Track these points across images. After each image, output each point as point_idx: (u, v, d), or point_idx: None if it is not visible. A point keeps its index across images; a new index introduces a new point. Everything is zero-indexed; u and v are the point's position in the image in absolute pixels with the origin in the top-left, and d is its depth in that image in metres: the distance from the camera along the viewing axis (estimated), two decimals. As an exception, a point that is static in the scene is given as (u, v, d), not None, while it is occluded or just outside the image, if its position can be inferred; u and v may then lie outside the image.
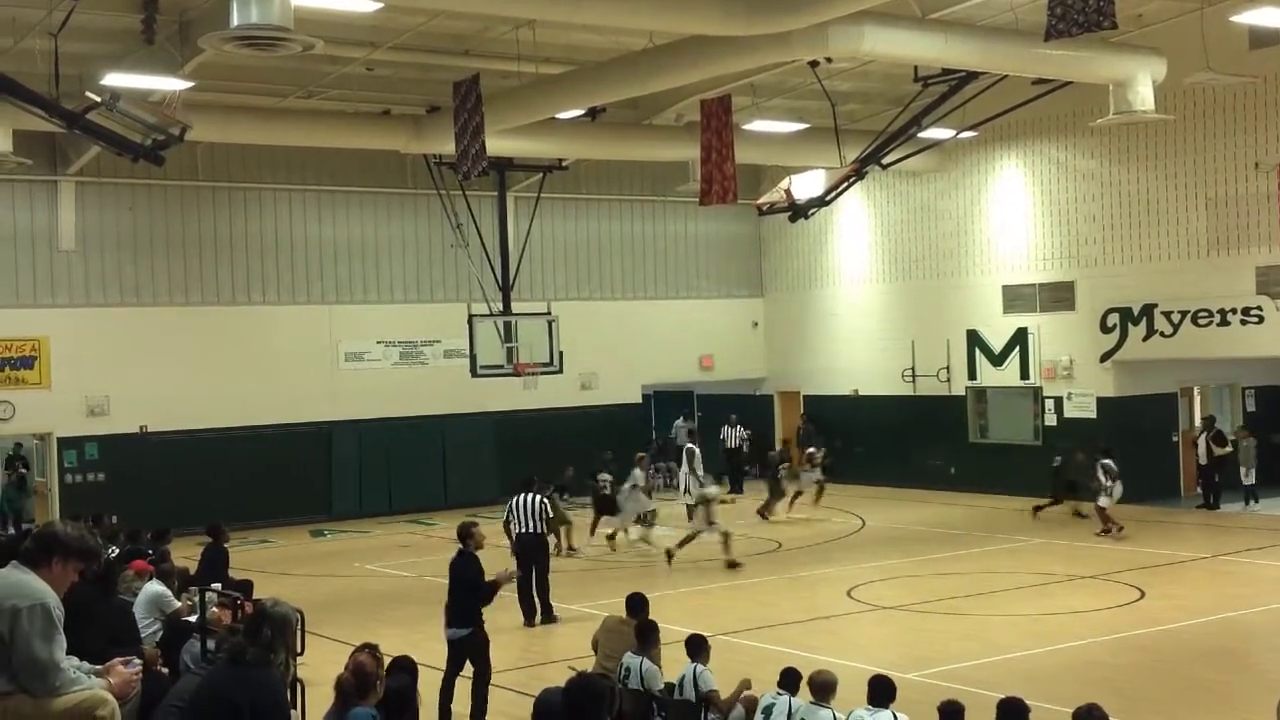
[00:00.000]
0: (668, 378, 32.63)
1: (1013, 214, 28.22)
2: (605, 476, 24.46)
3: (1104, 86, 21.11)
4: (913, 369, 29.98)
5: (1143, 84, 20.55)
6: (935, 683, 12.58)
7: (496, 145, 22.02)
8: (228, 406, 26.50)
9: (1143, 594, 17.47)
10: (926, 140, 24.69)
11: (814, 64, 20.39)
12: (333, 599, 18.85)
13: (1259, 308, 23.93)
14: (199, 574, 14.35)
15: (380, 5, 16.97)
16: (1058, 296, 27.39)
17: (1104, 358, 26.53)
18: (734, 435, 31.12)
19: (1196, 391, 27.73)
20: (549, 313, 25.27)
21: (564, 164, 26.96)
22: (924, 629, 16.12)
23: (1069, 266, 27.21)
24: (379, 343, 28.72)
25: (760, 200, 26.06)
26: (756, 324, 33.69)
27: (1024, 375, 28.07)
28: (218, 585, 11.87)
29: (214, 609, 9.91)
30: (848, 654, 14.09)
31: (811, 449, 27.62)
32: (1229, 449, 25.19)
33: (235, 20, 13.39)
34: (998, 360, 28.57)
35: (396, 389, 28.44)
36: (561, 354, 25.08)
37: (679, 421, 33.68)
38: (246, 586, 13.40)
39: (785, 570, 20.33)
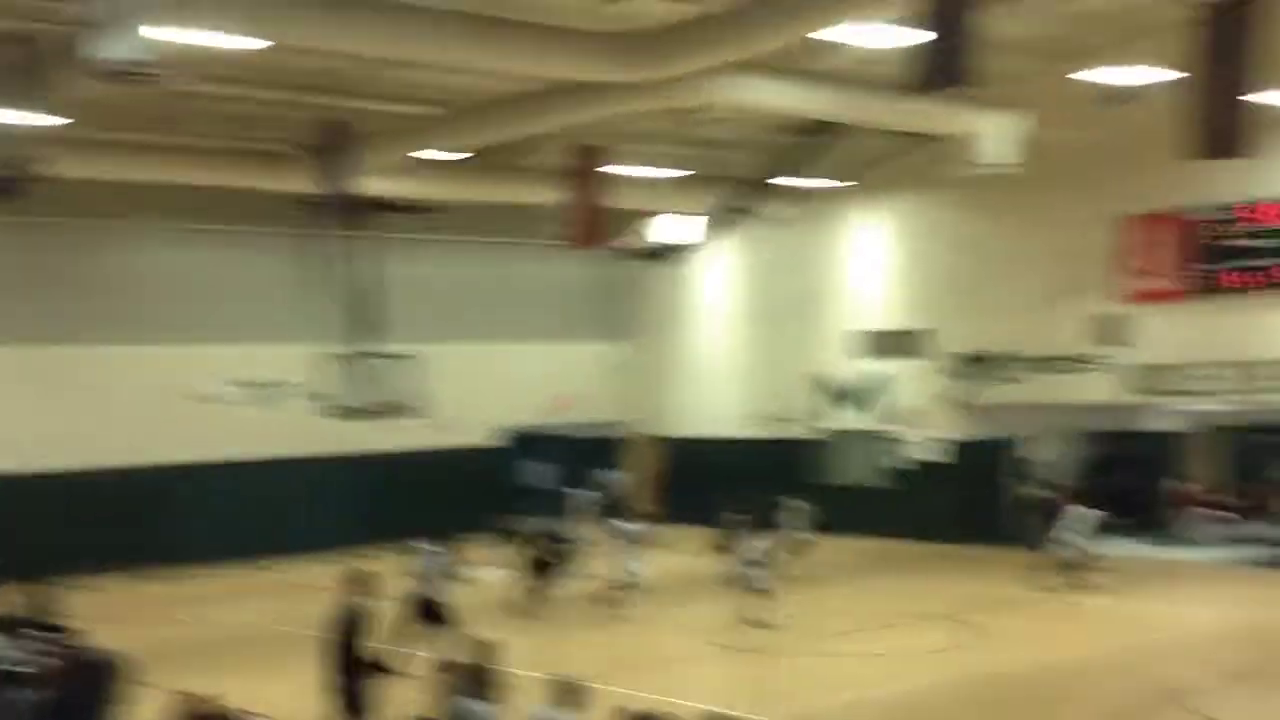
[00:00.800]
0: (529, 420, 32.55)
1: (872, 262, 29.06)
2: None
3: (964, 140, 21.95)
4: (773, 412, 30.51)
5: (1000, 138, 21.45)
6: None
7: (365, 185, 21.85)
8: (68, 446, 25.49)
9: (983, 633, 17.98)
10: (793, 188, 25.26)
11: (689, 111, 20.77)
12: (166, 646, 18.11)
13: (1098, 355, 25.01)
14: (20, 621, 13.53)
15: (266, 44, 16.72)
16: (911, 343, 28.25)
17: (955, 403, 27.41)
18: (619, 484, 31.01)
19: (1038, 436, 28.76)
20: (414, 355, 25.05)
21: (432, 207, 26.81)
22: (781, 670, 16.24)
23: (927, 313, 28.08)
24: (231, 383, 28.01)
25: (627, 244, 26.32)
26: (619, 367, 33.90)
27: (878, 419, 28.81)
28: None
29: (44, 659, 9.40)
30: (703, 696, 14.12)
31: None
32: (1049, 493, 26.06)
33: (97, 52, 12.95)
34: (856, 403, 29.27)
35: (248, 430, 27.74)
36: (426, 396, 24.86)
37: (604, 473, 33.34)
38: (60, 631, 12.61)
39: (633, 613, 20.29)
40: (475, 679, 10.39)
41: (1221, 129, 14.21)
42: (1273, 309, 22.83)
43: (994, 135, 21.47)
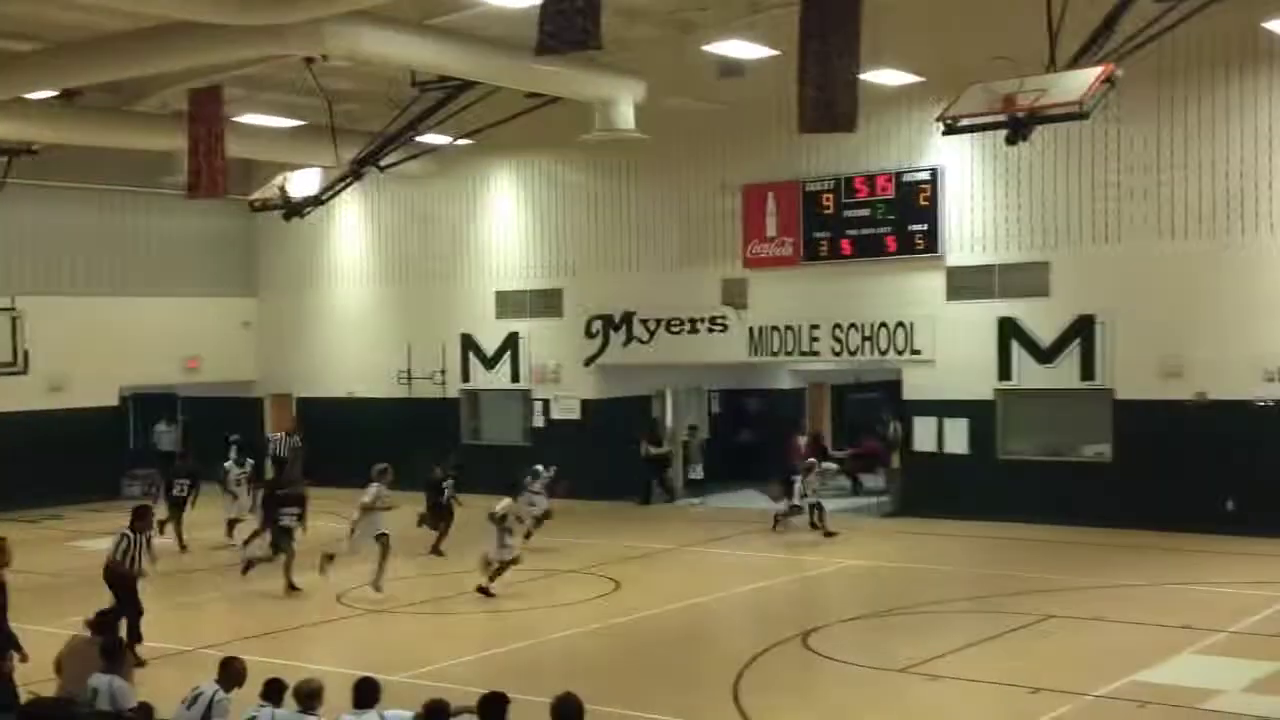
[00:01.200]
0: (150, 380, 30.89)
1: (506, 222, 29.12)
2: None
3: (591, 104, 22.21)
4: (409, 371, 30.16)
5: (625, 104, 21.84)
6: (422, 682, 12.70)
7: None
8: None
9: (618, 585, 18.53)
10: (424, 145, 24.92)
11: (310, 60, 20.02)
12: None
13: (724, 317, 26.06)
14: None
15: None
16: (547, 303, 28.54)
17: (588, 362, 27.93)
18: (282, 444, 29.71)
19: (669, 394, 29.75)
20: (13, 308, 23.23)
21: (33, 149, 24.83)
22: (413, 630, 16.28)
23: (558, 275, 28.41)
24: None
25: (254, 196, 25.20)
26: (248, 324, 32.63)
27: (515, 379, 29.01)
28: None
29: None
30: (336, 660, 13.95)
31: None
32: (667, 449, 27.45)
33: None
34: (490, 363, 29.35)
35: None
36: (27, 353, 23.13)
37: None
38: None
39: (268, 580, 19.78)
40: (108, 654, 10.00)
41: (826, 103, 14.91)
42: (880, 275, 24.35)
43: (619, 101, 21.81)
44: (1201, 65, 21.06)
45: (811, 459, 23.60)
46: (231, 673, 9.64)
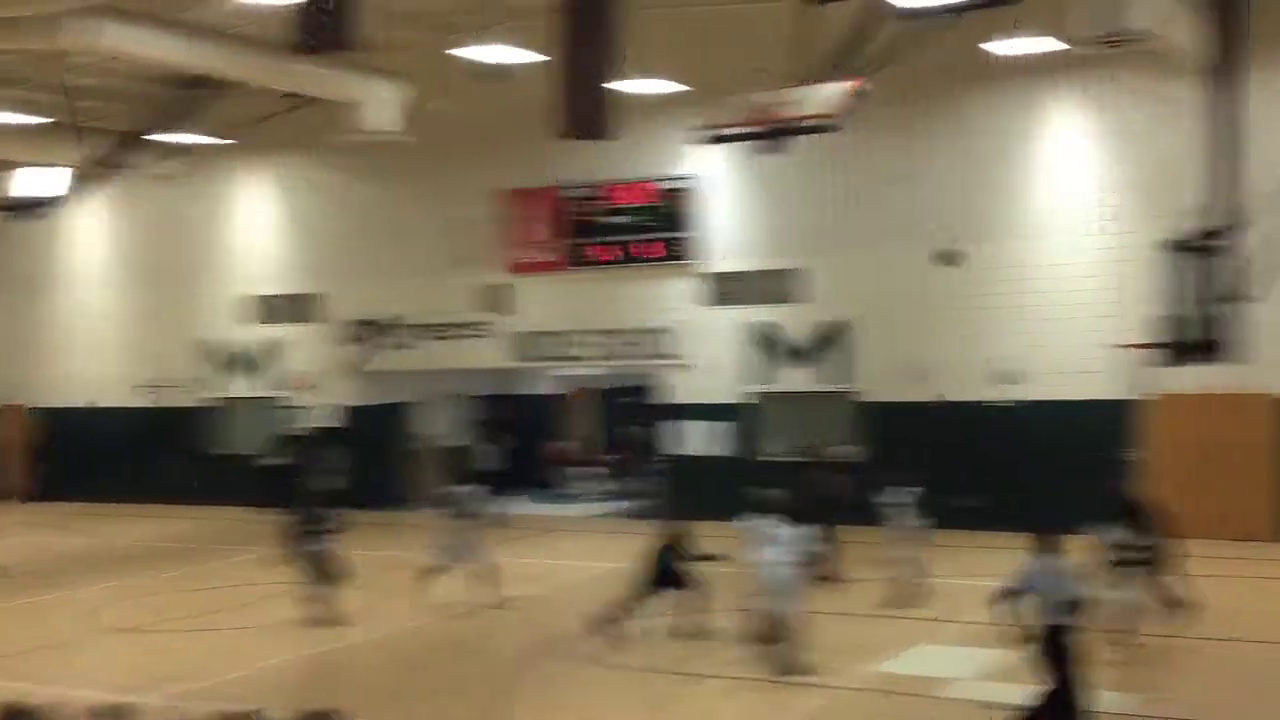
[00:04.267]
0: None
1: (263, 225, 28.32)
2: None
3: (349, 105, 21.80)
4: (155, 380, 28.96)
5: (385, 106, 21.52)
6: (178, 703, 12.25)
7: None
8: None
9: (385, 596, 18.21)
10: (173, 144, 24.01)
11: (51, 55, 19.02)
12: None
13: (488, 323, 26.00)
14: None
15: None
16: (306, 308, 27.87)
17: (350, 369, 27.40)
18: None
19: (433, 401, 29.44)
20: None
21: None
22: (169, 647, 15.64)
23: (317, 279, 27.78)
24: None
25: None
26: (-22, 331, 30.78)
27: (272, 386, 28.21)
28: None
29: None
30: (84, 680, 13.30)
31: None
32: (285, 459, 26.65)
33: None
34: (246, 371, 28.46)
35: None
36: None
37: None
38: None
39: (10, 597, 18.72)
40: None
41: (583, 111, 15.04)
42: (641, 281, 24.72)
43: (377, 103, 21.49)
44: (939, 83, 22.17)
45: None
46: None
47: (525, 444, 30.24)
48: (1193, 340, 12.79)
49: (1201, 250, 12.90)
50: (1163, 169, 20.39)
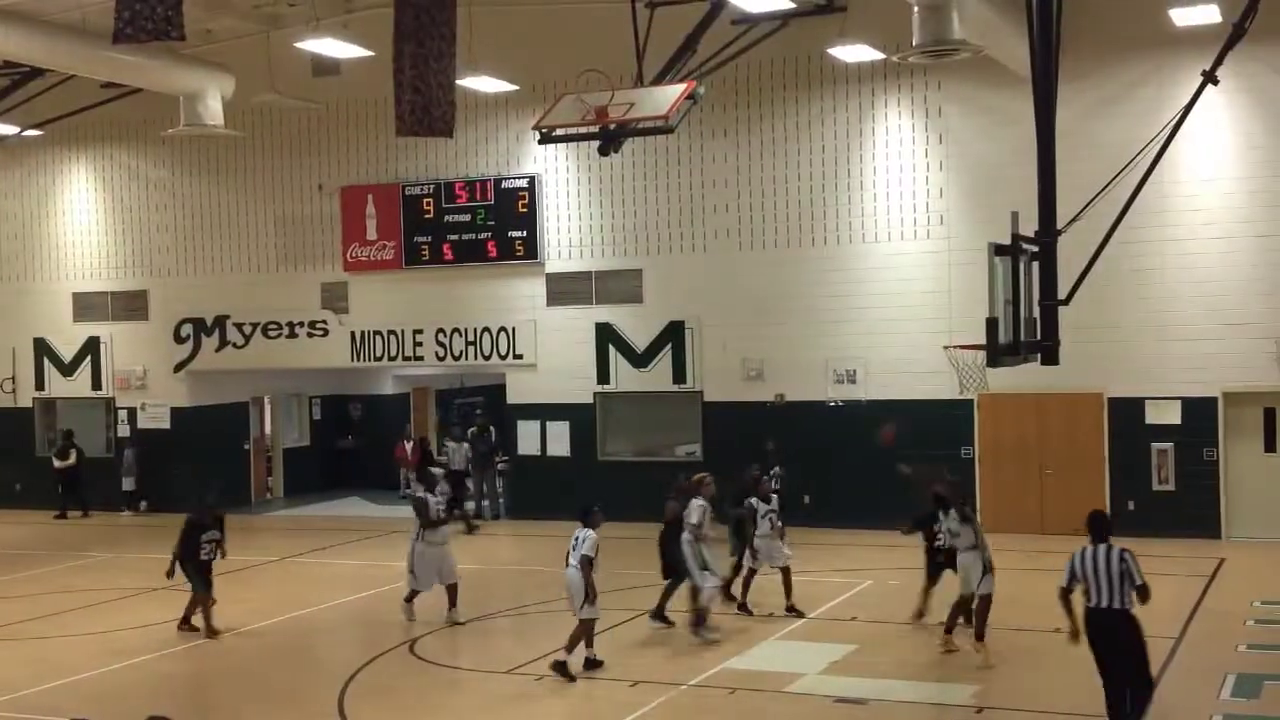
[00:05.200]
0: None
1: (85, 219, 27.31)
2: None
3: (175, 97, 21.19)
4: (-26, 379, 27.75)
5: (212, 98, 20.99)
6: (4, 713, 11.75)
7: None
8: None
9: (213, 601, 17.71)
10: (-12, 135, 23.03)
11: None
12: None
13: (324, 321, 25.50)
14: None
15: None
16: (131, 305, 26.98)
17: (178, 368, 26.61)
18: None
19: (268, 401, 28.80)
20: None
21: None
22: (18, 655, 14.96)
23: (142, 276, 26.92)
24: None
25: None
26: None
27: (96, 386, 27.25)
28: None
29: None
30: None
31: None
32: (70, 460, 26.22)
33: None
34: (68, 370, 27.44)
35: None
36: None
37: None
38: None
39: None
40: None
41: (424, 107, 14.85)
42: (482, 280, 24.51)
43: (205, 95, 20.92)
44: (775, 86, 22.50)
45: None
46: None
47: (366, 444, 29.82)
48: (1016, 341, 13.16)
49: (1025, 254, 13.29)
50: (988, 174, 21.05)
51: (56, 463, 26.39)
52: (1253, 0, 13.69)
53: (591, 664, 13.44)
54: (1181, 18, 19.18)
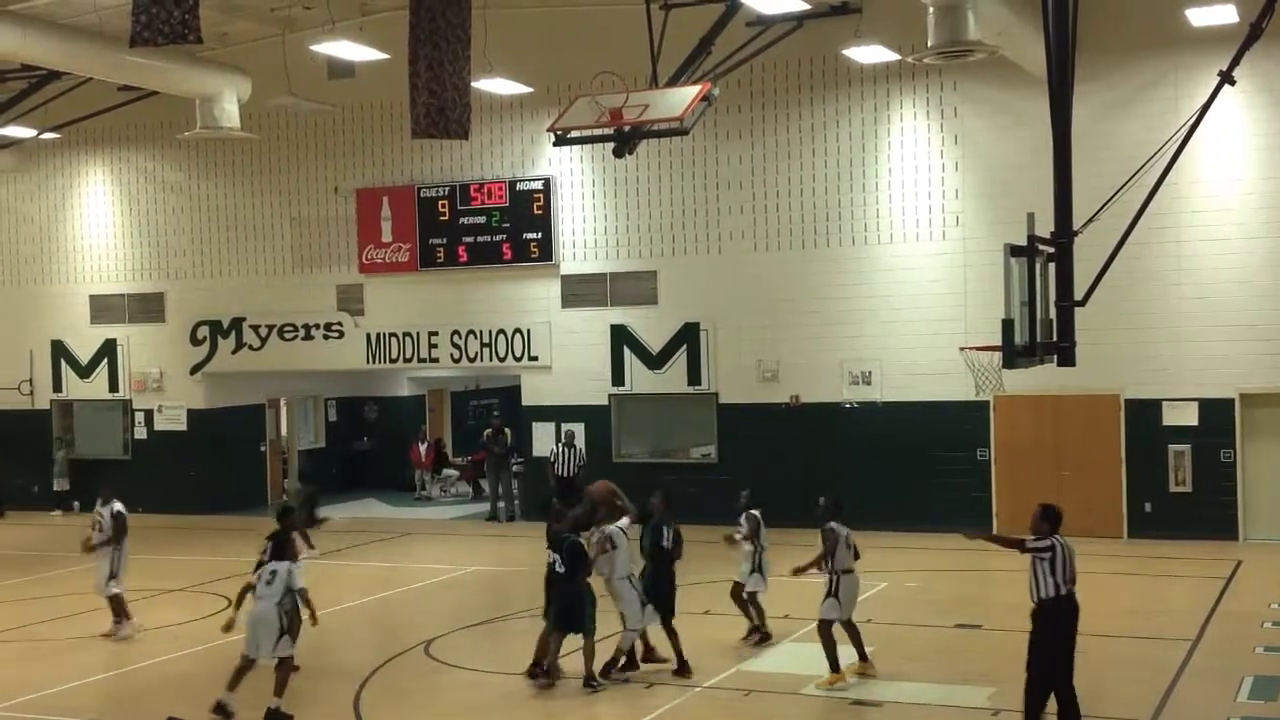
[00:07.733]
0: None
1: (101, 221, 27.43)
2: None
3: (191, 100, 21.26)
4: (-4, 380, 27.93)
5: (228, 101, 21.06)
6: (16, 715, 11.77)
7: None
8: None
9: (230, 602, 17.74)
10: (5, 138, 23.14)
11: None
12: None
13: (339, 324, 25.55)
14: None
15: None
16: (147, 308, 27.08)
17: (194, 370, 26.69)
18: None
19: (284, 403, 28.88)
20: None
21: None
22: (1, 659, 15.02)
23: (159, 278, 27.02)
24: None
25: None
26: None
27: (113, 388, 27.35)
28: None
29: None
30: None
31: None
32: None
33: None
34: (85, 372, 27.55)
35: None
36: None
37: None
38: None
39: None
40: None
41: (440, 109, 14.88)
42: (497, 282, 24.54)
43: (222, 98, 21.00)
44: (790, 88, 22.48)
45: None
46: None
47: (381, 446, 29.89)
48: (1032, 342, 13.11)
49: (1041, 255, 13.25)
50: (1003, 175, 21.00)
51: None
52: (1270, 0, 13.63)
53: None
54: (1198, 18, 19.12)
